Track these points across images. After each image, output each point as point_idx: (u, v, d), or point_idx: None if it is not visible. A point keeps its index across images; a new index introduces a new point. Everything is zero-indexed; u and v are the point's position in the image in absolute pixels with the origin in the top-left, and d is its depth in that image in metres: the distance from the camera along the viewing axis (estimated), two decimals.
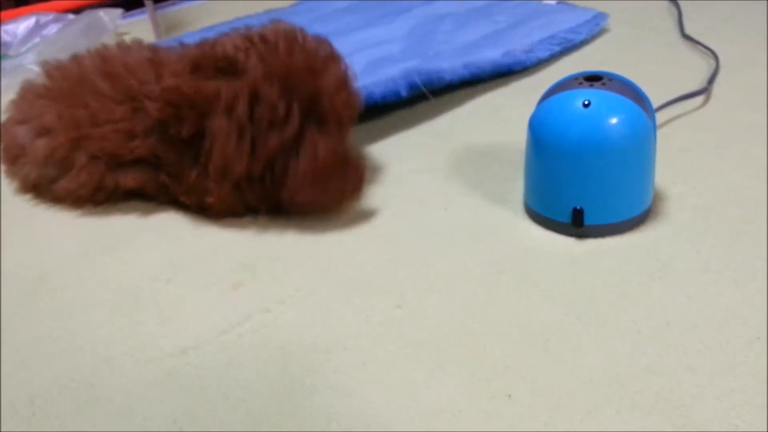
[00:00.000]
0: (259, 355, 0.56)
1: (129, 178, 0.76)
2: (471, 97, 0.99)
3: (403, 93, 0.88)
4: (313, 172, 0.69)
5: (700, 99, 0.92)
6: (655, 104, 0.79)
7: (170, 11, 1.57)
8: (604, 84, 0.65)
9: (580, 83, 0.65)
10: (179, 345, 0.58)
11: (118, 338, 0.59)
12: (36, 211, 0.80)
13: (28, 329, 0.61)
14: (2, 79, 1.19)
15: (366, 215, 0.74)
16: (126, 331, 0.60)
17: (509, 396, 0.50)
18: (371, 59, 1.11)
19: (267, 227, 0.73)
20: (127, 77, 0.76)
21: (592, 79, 0.66)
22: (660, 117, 0.86)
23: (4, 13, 1.49)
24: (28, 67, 1.23)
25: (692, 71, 1.01)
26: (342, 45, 1.18)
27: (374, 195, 0.78)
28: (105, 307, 0.63)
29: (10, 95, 0.88)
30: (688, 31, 1.16)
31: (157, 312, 0.62)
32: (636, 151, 0.64)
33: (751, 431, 0.46)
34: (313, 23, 1.33)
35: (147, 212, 0.77)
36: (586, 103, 0.63)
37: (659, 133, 0.83)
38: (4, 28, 1.38)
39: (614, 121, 0.63)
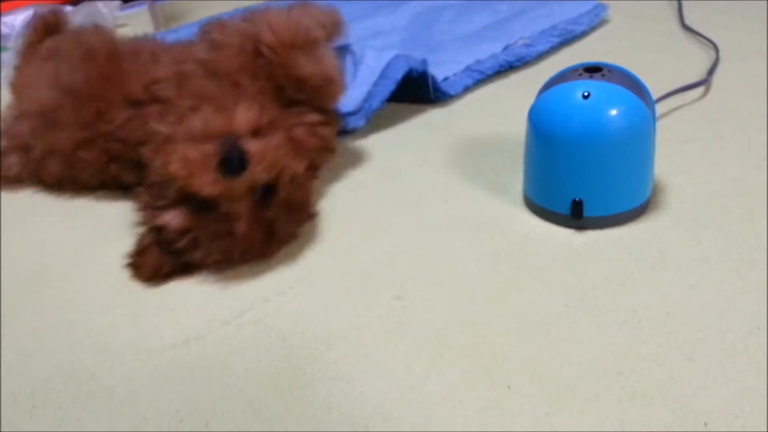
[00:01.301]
0: (260, 346, 0.56)
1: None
2: (470, 88, 0.99)
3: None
4: None
5: (700, 90, 0.92)
6: (655, 95, 0.79)
7: (169, 2, 1.56)
8: (603, 75, 0.64)
9: (580, 74, 0.65)
10: (180, 336, 0.58)
11: (119, 329, 0.59)
12: (36, 203, 0.80)
13: (29, 320, 0.61)
14: (2, 70, 1.19)
15: (365, 207, 0.74)
16: (127, 322, 0.60)
17: (509, 386, 0.50)
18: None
19: None
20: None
21: (592, 70, 0.66)
22: (660, 108, 0.86)
23: (1, 5, 1.48)
24: None
25: (692, 62, 1.01)
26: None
27: (373, 187, 0.78)
28: (106, 298, 0.63)
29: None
30: (689, 21, 1.16)
31: (158, 303, 0.62)
32: (635, 142, 0.64)
33: (751, 420, 0.46)
34: None
35: None
36: (586, 94, 0.63)
37: (659, 124, 0.83)
38: (3, 20, 1.38)
39: (614, 112, 0.63)
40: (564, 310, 0.58)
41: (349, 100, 0.86)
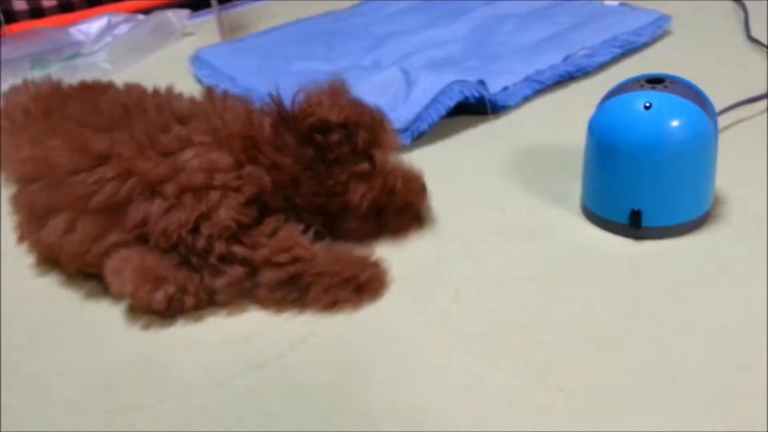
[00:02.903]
0: (318, 343, 0.58)
1: None
2: (529, 98, 1.00)
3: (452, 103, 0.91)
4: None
5: (764, 103, 0.91)
6: (718, 107, 0.78)
7: (235, 12, 1.61)
8: (665, 86, 0.65)
9: (642, 85, 0.65)
10: (244, 331, 0.60)
11: (188, 323, 0.62)
12: None
13: (107, 311, 0.65)
14: (76, 76, 1.24)
15: (424, 212, 0.75)
16: (194, 318, 0.63)
17: (561, 390, 0.51)
18: (430, 60, 1.13)
19: None
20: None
21: (654, 81, 0.66)
22: (723, 120, 0.86)
23: (77, 14, 1.55)
24: (101, 65, 1.29)
25: (758, 74, 0.99)
26: (402, 46, 1.20)
27: (433, 193, 0.79)
28: None
29: None
30: (755, 33, 1.14)
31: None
32: (696, 153, 0.64)
33: None
34: (374, 24, 1.35)
35: None
36: (648, 105, 0.63)
37: (722, 136, 0.82)
38: (78, 27, 1.44)
39: (675, 123, 0.63)
40: (619, 318, 0.58)
41: (399, 118, 0.88)
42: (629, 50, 1.11)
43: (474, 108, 0.94)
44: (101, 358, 0.59)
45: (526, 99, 0.99)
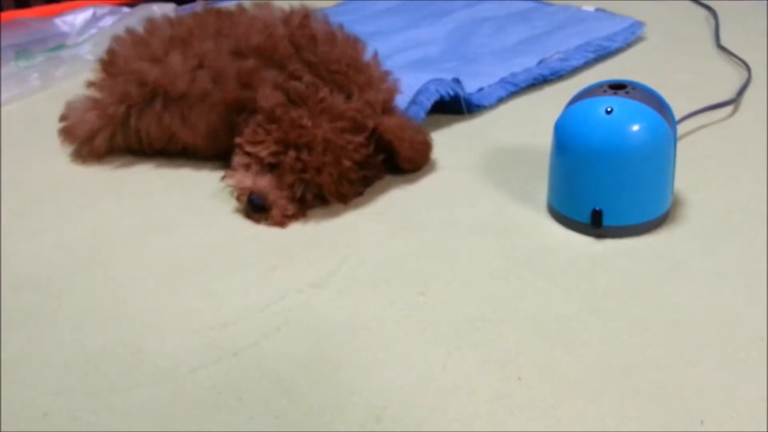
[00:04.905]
0: (292, 332, 0.61)
1: None
2: (503, 99, 1.03)
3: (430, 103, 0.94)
4: None
5: (728, 109, 0.95)
6: (683, 113, 0.82)
7: (219, 6, 1.62)
8: (627, 92, 0.68)
9: (605, 91, 0.69)
10: (220, 319, 0.63)
11: (165, 310, 0.65)
12: (97, 192, 0.85)
13: (84, 298, 0.67)
14: (61, 67, 1.26)
15: (396, 207, 0.78)
16: (172, 304, 0.65)
17: (519, 378, 0.54)
18: (410, 60, 1.15)
19: (304, 217, 0.77)
20: None
21: (617, 87, 0.69)
22: (687, 125, 0.89)
23: (63, 5, 1.56)
24: (85, 57, 1.30)
25: (724, 82, 1.03)
26: (383, 45, 1.22)
27: (405, 189, 0.82)
28: (155, 281, 0.69)
29: (69, 83, 0.94)
30: (724, 42, 1.18)
31: (202, 288, 0.67)
32: (655, 157, 0.67)
33: (745, 421, 0.49)
34: (356, 23, 1.37)
35: (197, 198, 0.82)
36: (609, 110, 0.66)
37: (686, 140, 0.85)
38: (63, 18, 1.45)
39: (635, 128, 0.66)
40: (577, 313, 0.61)
41: None
42: (602, 55, 1.14)
43: (451, 107, 0.97)
44: (79, 343, 0.61)
45: (501, 100, 1.02)
